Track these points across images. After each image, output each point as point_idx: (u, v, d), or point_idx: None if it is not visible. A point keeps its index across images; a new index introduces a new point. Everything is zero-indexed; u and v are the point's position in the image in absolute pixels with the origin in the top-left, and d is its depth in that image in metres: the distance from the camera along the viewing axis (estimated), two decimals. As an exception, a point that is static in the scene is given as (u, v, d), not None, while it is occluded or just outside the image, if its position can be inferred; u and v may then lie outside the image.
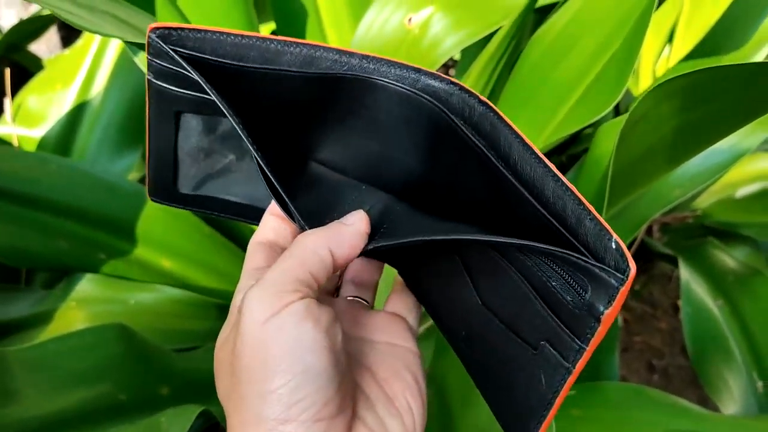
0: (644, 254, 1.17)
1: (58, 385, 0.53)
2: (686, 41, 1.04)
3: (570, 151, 1.05)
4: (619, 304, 0.25)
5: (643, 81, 1.05)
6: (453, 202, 0.34)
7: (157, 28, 0.32)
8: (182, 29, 0.32)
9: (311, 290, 0.29)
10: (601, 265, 0.25)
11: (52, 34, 1.17)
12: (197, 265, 0.79)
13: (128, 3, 0.48)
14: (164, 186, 0.39)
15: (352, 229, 0.32)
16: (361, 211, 0.34)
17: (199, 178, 0.39)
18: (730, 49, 0.80)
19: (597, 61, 0.63)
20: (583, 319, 0.26)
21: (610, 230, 0.25)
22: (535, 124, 0.66)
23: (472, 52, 0.75)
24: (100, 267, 0.75)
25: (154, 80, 0.34)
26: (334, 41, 0.79)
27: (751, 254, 1.04)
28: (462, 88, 0.33)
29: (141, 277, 0.76)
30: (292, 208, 0.33)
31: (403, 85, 0.33)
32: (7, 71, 0.89)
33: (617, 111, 0.98)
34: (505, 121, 0.30)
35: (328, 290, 0.39)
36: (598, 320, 0.25)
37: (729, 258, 1.00)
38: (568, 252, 0.26)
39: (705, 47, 0.82)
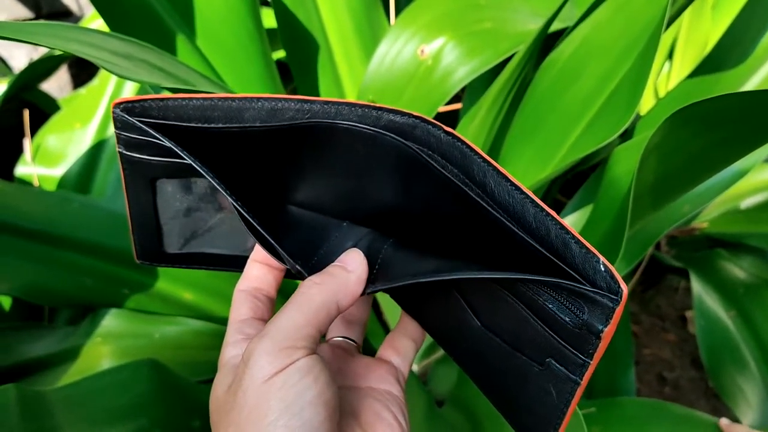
0: (653, 268, 1.18)
1: (95, 422, 0.54)
2: (685, 58, 1.06)
3: (576, 169, 1.06)
4: (616, 320, 0.26)
5: (645, 99, 1.06)
6: (438, 234, 0.34)
7: (120, 103, 0.33)
8: (144, 100, 0.33)
9: (315, 344, 0.30)
10: (595, 290, 0.26)
11: (62, 73, 1.18)
12: (217, 296, 0.80)
13: (155, 47, 0.50)
14: (150, 248, 0.40)
15: (354, 277, 0.33)
16: (360, 253, 0.34)
17: (184, 236, 0.39)
18: (731, 66, 0.82)
19: (607, 85, 0.64)
20: (584, 337, 0.27)
21: (596, 252, 0.26)
22: (547, 149, 0.68)
23: (478, 83, 0.76)
24: (124, 302, 0.76)
25: (126, 152, 0.35)
26: (345, 73, 0.81)
27: (760, 264, 1.05)
28: (424, 120, 0.33)
29: (164, 311, 0.77)
30: (281, 251, 0.34)
31: (366, 126, 0.33)
32: (26, 113, 0.90)
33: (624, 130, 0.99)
34: (474, 150, 0.31)
35: None
36: (599, 337, 0.26)
37: (738, 269, 1.01)
38: (560, 280, 0.26)
39: (707, 64, 0.83)
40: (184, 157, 0.31)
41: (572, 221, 0.81)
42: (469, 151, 0.31)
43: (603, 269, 0.26)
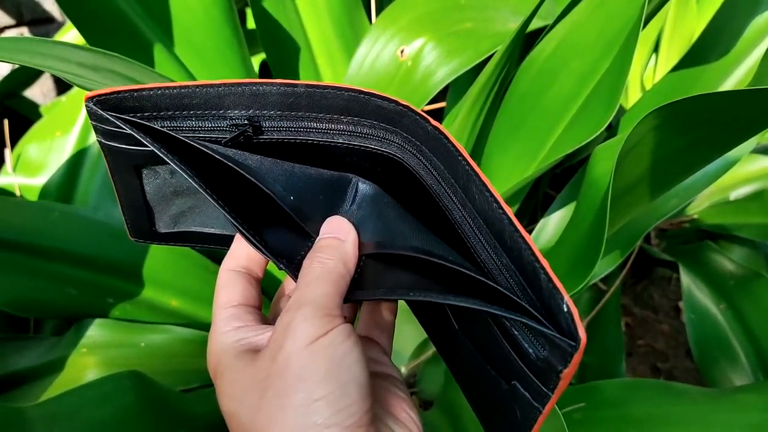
0: (643, 260, 1.18)
1: (78, 437, 0.53)
2: (671, 51, 1.05)
3: (565, 164, 1.06)
4: (575, 364, 0.25)
5: (632, 93, 1.06)
6: (415, 245, 0.33)
7: (93, 97, 0.32)
8: (119, 92, 0.32)
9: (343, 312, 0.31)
10: (554, 334, 0.25)
11: (46, 78, 1.17)
12: (204, 303, 0.80)
13: (128, 58, 0.49)
14: (142, 228, 0.39)
15: (350, 243, 0.34)
16: (341, 218, 0.35)
17: (174, 216, 0.39)
18: (716, 58, 0.81)
19: (587, 83, 0.64)
20: (545, 372, 0.26)
21: (562, 289, 0.25)
22: (530, 148, 0.67)
23: (461, 81, 0.76)
24: (109, 311, 0.75)
25: (105, 141, 0.34)
26: (328, 76, 0.80)
27: (750, 256, 1.05)
28: (412, 110, 0.33)
29: (150, 319, 0.77)
30: (265, 251, 0.34)
31: (349, 131, 0.34)
32: (6, 123, 0.89)
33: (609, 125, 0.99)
34: (459, 151, 0.31)
35: None
36: (558, 376, 0.25)
37: (728, 261, 1.01)
38: (521, 318, 0.26)
39: (691, 57, 0.83)
40: (160, 154, 0.31)
41: (558, 218, 0.81)
42: (454, 150, 0.31)
43: (566, 309, 0.25)
